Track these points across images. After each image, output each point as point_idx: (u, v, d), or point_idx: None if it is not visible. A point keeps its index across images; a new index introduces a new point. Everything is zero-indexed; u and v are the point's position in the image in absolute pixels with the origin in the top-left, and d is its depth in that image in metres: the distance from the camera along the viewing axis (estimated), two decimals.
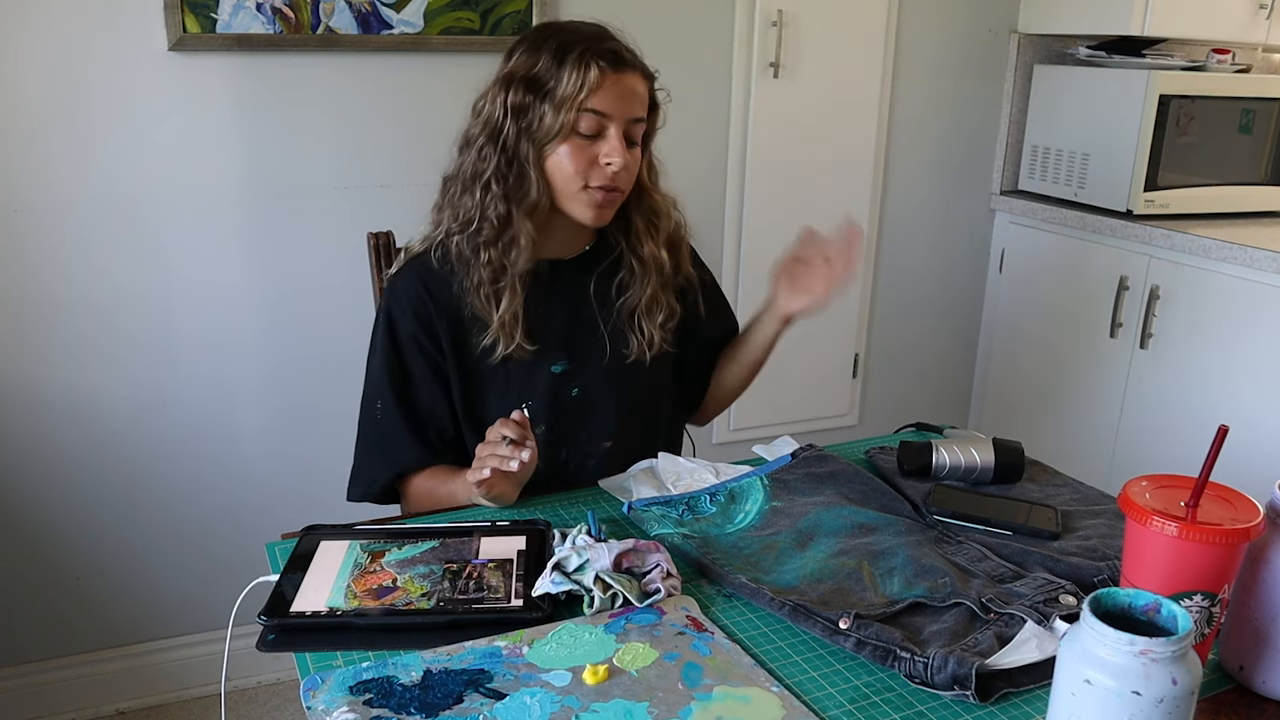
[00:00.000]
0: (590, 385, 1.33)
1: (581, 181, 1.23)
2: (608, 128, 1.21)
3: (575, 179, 1.23)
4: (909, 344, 2.71)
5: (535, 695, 0.81)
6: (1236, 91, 2.38)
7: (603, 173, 1.22)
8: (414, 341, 1.28)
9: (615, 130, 1.21)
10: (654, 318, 1.34)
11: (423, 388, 1.30)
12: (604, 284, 1.34)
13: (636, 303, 1.33)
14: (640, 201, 1.32)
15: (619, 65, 1.21)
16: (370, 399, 1.31)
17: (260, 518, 2.06)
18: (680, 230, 1.39)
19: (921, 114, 2.54)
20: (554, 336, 1.31)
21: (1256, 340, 2.08)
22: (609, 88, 1.20)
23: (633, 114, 1.23)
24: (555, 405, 1.31)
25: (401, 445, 1.30)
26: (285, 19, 1.85)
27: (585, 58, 1.19)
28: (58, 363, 1.89)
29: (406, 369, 1.29)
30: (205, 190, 1.91)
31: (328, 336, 2.05)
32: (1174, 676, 0.65)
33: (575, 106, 1.19)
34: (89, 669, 2.05)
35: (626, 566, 0.97)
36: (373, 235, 1.49)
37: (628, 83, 1.22)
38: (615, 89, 1.20)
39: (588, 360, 1.33)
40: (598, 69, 1.19)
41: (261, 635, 0.91)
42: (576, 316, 1.33)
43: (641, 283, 1.33)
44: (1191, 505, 0.81)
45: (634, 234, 1.33)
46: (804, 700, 0.83)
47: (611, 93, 1.20)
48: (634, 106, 1.23)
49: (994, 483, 1.22)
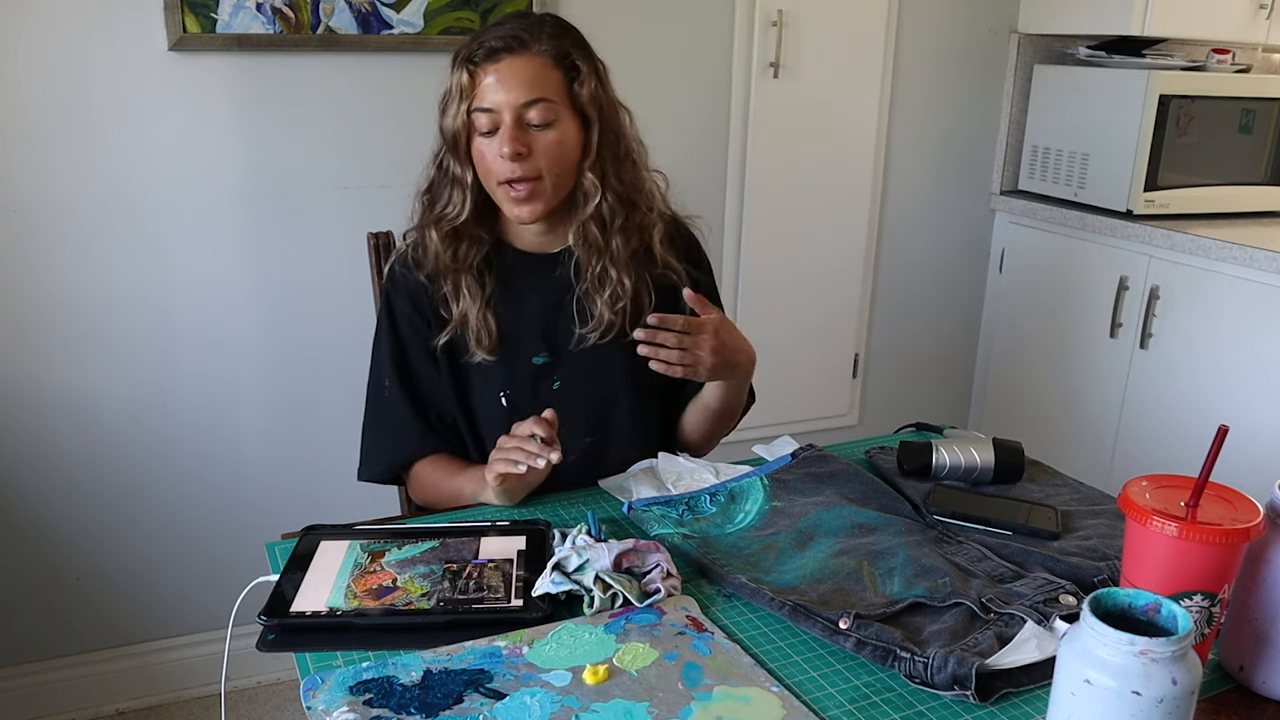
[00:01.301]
0: (570, 379, 1.33)
1: (494, 179, 1.24)
2: (500, 119, 1.21)
3: (490, 178, 1.25)
4: (909, 344, 2.71)
5: (535, 695, 0.81)
6: (1236, 91, 2.38)
7: (501, 166, 1.22)
8: (409, 324, 1.32)
9: (507, 118, 1.21)
10: (601, 293, 1.30)
11: (422, 369, 1.33)
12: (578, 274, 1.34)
13: (584, 283, 1.31)
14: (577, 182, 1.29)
15: (493, 57, 1.20)
16: (377, 379, 1.35)
17: (260, 518, 2.06)
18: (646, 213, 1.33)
19: (921, 114, 2.54)
20: (535, 330, 1.32)
21: (1256, 340, 2.08)
22: (486, 81, 1.21)
23: (522, 98, 1.20)
24: (535, 398, 1.31)
25: (407, 427, 1.32)
26: (285, 19, 1.85)
27: (462, 62, 1.22)
28: (58, 363, 1.89)
29: (406, 350, 1.33)
30: (205, 190, 1.91)
31: (328, 336, 2.05)
32: (1174, 676, 0.65)
33: (462, 111, 1.22)
34: (89, 669, 2.05)
35: (626, 566, 0.97)
36: (373, 235, 1.50)
37: (508, 70, 1.20)
38: (492, 80, 1.20)
39: (564, 352, 1.33)
40: (467, 71, 1.21)
41: (261, 635, 0.91)
42: (556, 309, 1.33)
43: (586, 262, 1.31)
44: (1191, 505, 0.81)
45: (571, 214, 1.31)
46: (804, 700, 0.83)
47: (489, 85, 1.20)
48: (521, 92, 1.20)
49: (994, 483, 1.22)
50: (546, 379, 1.32)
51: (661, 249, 1.34)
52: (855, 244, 2.53)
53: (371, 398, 1.36)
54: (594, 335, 1.31)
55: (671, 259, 1.35)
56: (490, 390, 1.31)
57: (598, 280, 1.31)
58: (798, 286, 2.49)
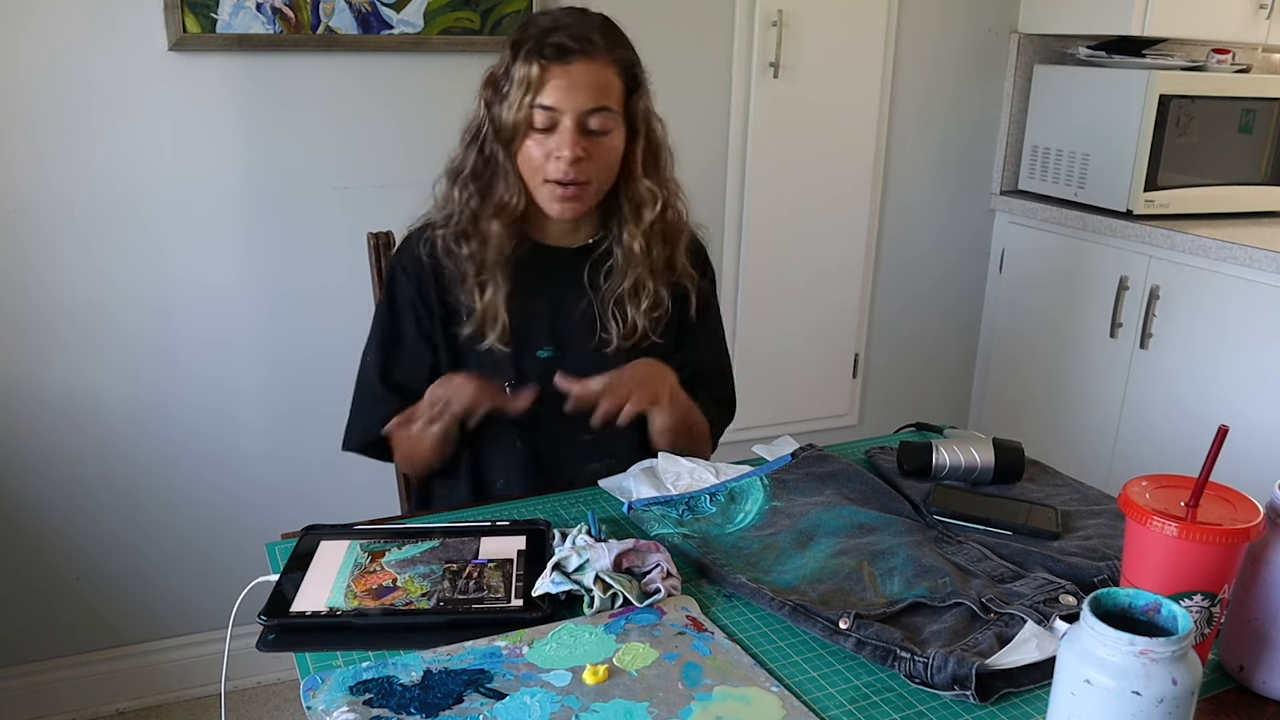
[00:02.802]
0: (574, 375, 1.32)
1: (541, 175, 1.24)
2: (560, 121, 1.21)
3: (535, 173, 1.25)
4: (909, 344, 2.71)
5: (535, 695, 0.81)
6: (1236, 91, 2.38)
7: (555, 166, 1.23)
8: (410, 306, 1.32)
9: (568, 122, 1.21)
10: (637, 304, 1.33)
11: (410, 350, 1.33)
12: (596, 273, 1.35)
13: (619, 289, 1.33)
14: (627, 188, 1.31)
15: (564, 57, 1.20)
16: (366, 350, 1.37)
17: (260, 518, 2.06)
18: (679, 222, 1.36)
19: (921, 114, 2.54)
20: (544, 323, 1.32)
21: (1256, 340, 2.08)
22: (554, 81, 1.20)
23: (587, 105, 1.21)
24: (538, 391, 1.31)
25: (384, 401, 1.33)
26: (285, 19, 1.85)
27: (530, 54, 1.21)
28: (58, 363, 1.89)
29: (400, 329, 1.33)
30: (205, 190, 1.91)
31: (327, 336, 2.05)
32: (1174, 676, 0.65)
33: (524, 104, 1.21)
34: (89, 669, 2.05)
35: (626, 566, 0.97)
36: (373, 235, 1.50)
37: (578, 74, 1.20)
38: (562, 82, 1.20)
39: (574, 349, 1.34)
40: (539, 65, 1.20)
41: (261, 635, 0.91)
42: (569, 305, 1.34)
43: (623, 270, 1.32)
44: (1191, 505, 0.81)
45: (619, 220, 1.33)
46: (804, 700, 0.83)
47: (558, 86, 1.20)
48: (587, 97, 1.21)
49: (994, 483, 1.22)
50: (548, 373, 1.32)
51: (684, 258, 1.37)
52: (855, 244, 2.53)
53: (360, 370, 1.38)
54: (626, 343, 1.33)
55: (689, 267, 1.38)
56: (495, 378, 1.31)
57: (634, 289, 1.32)
58: (798, 286, 2.49)
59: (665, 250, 1.34)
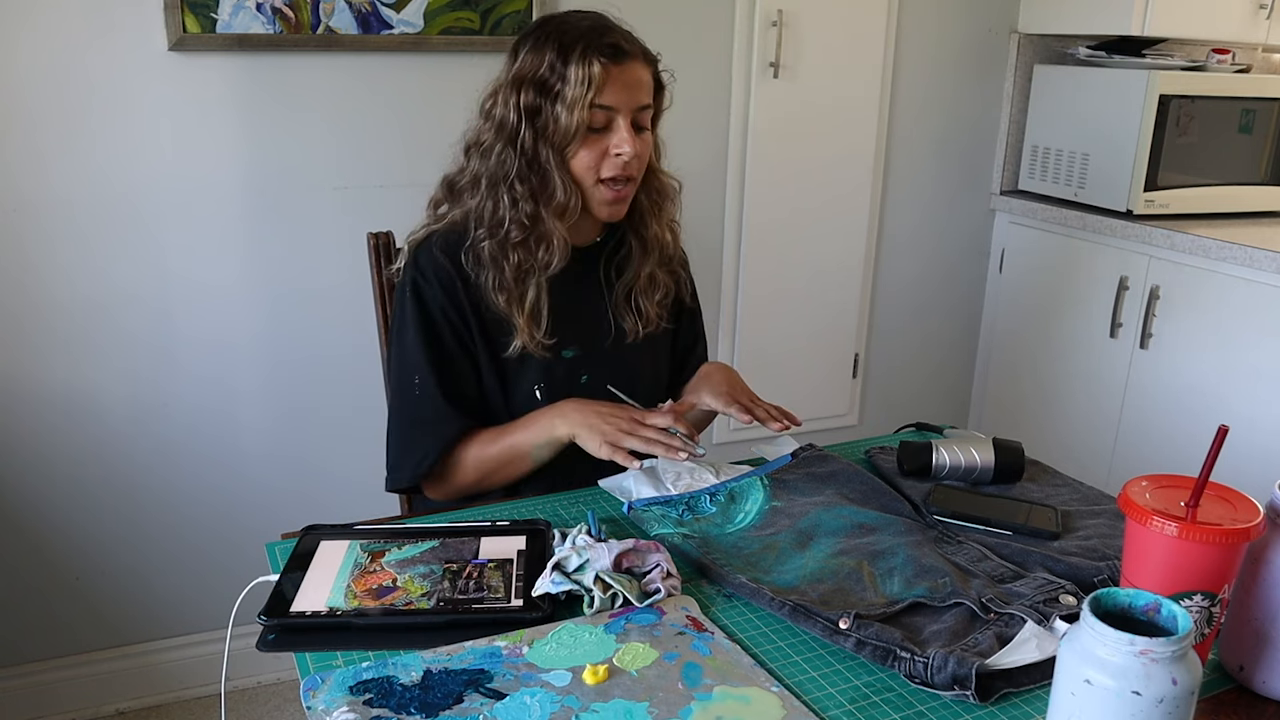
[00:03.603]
0: (598, 373, 1.35)
1: (595, 175, 1.26)
2: (615, 119, 1.24)
3: (590, 173, 1.26)
4: (909, 344, 2.71)
5: (535, 695, 0.81)
6: (1236, 91, 2.38)
7: (614, 163, 1.25)
8: (442, 313, 1.29)
9: (623, 121, 1.24)
10: (651, 295, 1.37)
11: (455, 358, 1.30)
12: (608, 268, 1.38)
13: (634, 281, 1.36)
14: (648, 181, 1.34)
15: (620, 57, 1.22)
16: (406, 377, 1.29)
17: (260, 518, 2.06)
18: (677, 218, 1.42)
19: (921, 114, 2.54)
20: (566, 324, 1.33)
21: (1256, 340, 2.08)
22: (613, 81, 1.22)
23: (638, 102, 1.25)
24: (565, 393, 1.32)
25: (444, 418, 1.28)
26: (285, 19, 1.85)
27: (588, 55, 1.20)
28: (58, 363, 1.89)
29: (440, 339, 1.29)
30: (205, 190, 1.91)
31: (328, 336, 2.05)
32: (1174, 676, 0.65)
33: (585, 105, 1.21)
34: (89, 669, 2.05)
35: (626, 566, 0.97)
36: (373, 235, 1.49)
37: (630, 73, 1.23)
38: (619, 81, 1.22)
39: (595, 346, 1.36)
40: (600, 65, 1.20)
41: (261, 635, 0.91)
42: (587, 303, 1.36)
43: (641, 261, 1.36)
44: (1191, 505, 0.81)
45: (638, 213, 1.35)
46: (804, 700, 0.83)
47: (616, 85, 1.22)
48: (639, 95, 1.25)
49: (994, 483, 1.22)
50: (575, 373, 1.34)
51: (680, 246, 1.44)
52: (855, 244, 2.53)
53: (400, 400, 1.31)
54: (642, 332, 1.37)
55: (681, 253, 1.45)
56: (525, 382, 1.31)
57: (649, 280, 1.36)
58: (798, 287, 2.49)
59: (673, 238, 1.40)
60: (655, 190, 1.35)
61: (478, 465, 1.29)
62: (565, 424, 1.23)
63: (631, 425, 1.19)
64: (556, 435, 1.23)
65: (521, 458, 1.27)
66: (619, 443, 1.17)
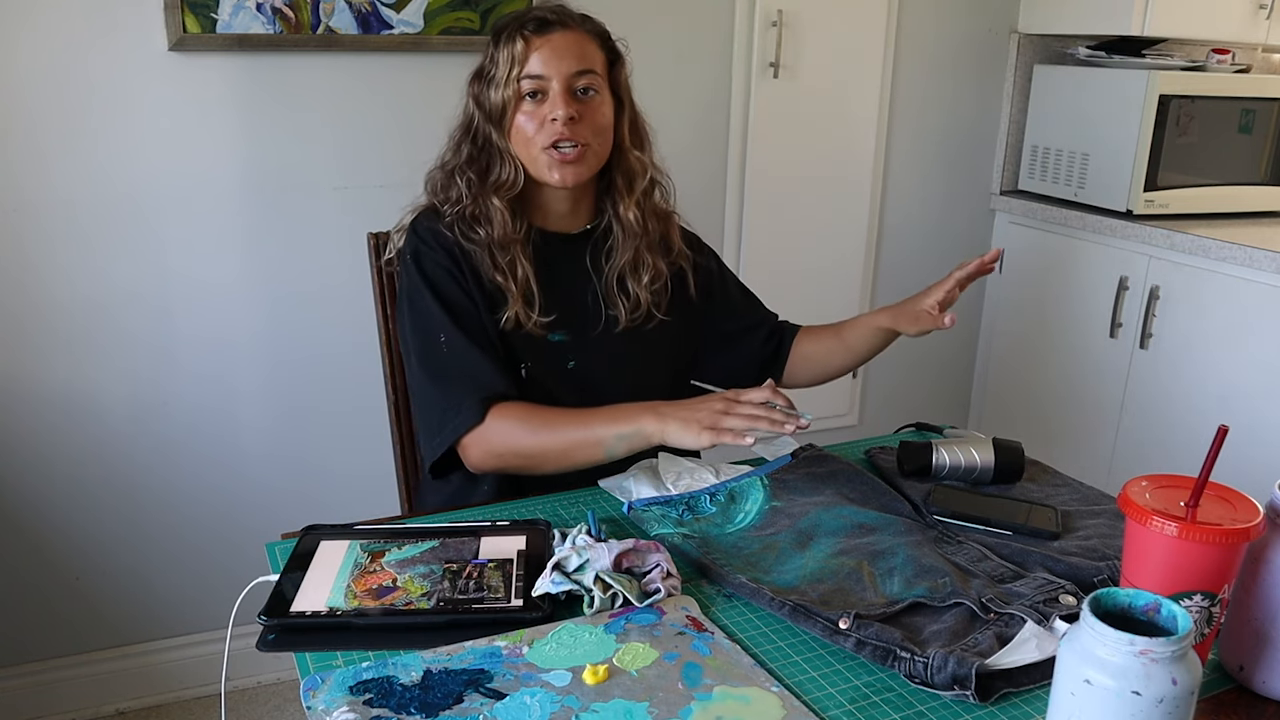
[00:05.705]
0: (586, 359, 1.35)
1: (537, 145, 1.26)
2: (548, 87, 1.25)
3: (530, 145, 1.27)
4: (909, 344, 2.69)
5: (535, 695, 0.81)
6: (1236, 91, 2.38)
7: (551, 128, 1.25)
8: (449, 274, 1.29)
9: (556, 86, 1.25)
10: (639, 278, 1.36)
11: (475, 313, 1.28)
12: (598, 255, 1.37)
13: (620, 265, 1.36)
14: (619, 162, 1.35)
15: (545, 28, 1.26)
16: (430, 339, 1.25)
17: (260, 518, 2.06)
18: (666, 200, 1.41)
19: (921, 114, 2.54)
20: (555, 309, 1.33)
21: (1256, 340, 2.08)
22: (538, 51, 1.25)
23: (573, 69, 1.25)
24: (552, 376, 1.32)
25: (482, 367, 1.24)
26: (285, 19, 1.85)
27: (511, 33, 1.26)
28: (58, 362, 1.89)
29: (455, 298, 1.28)
30: (205, 190, 1.91)
31: (328, 336, 2.05)
32: (1174, 676, 0.65)
33: (512, 79, 1.25)
34: (89, 669, 2.05)
35: (626, 566, 0.97)
36: (373, 235, 1.50)
37: (559, 41, 1.25)
38: (546, 50, 1.25)
39: (585, 333, 1.35)
40: (522, 39, 1.25)
41: (261, 635, 0.91)
42: (576, 290, 1.36)
43: (623, 244, 1.36)
44: (1191, 505, 0.81)
45: (614, 195, 1.36)
46: (804, 700, 0.83)
47: (544, 54, 1.25)
48: (572, 61, 1.25)
49: (994, 483, 1.22)
50: (563, 358, 1.34)
51: (678, 239, 1.42)
52: (855, 243, 2.53)
53: (426, 364, 1.25)
54: (632, 317, 1.36)
55: (684, 248, 1.43)
56: (513, 360, 1.31)
57: (633, 264, 1.35)
58: (798, 286, 2.49)
59: (659, 226, 1.38)
60: (624, 171, 1.35)
61: (536, 435, 1.21)
62: (655, 419, 1.16)
63: (727, 404, 1.14)
64: (643, 429, 1.16)
65: (594, 445, 1.19)
66: (718, 425, 1.12)
